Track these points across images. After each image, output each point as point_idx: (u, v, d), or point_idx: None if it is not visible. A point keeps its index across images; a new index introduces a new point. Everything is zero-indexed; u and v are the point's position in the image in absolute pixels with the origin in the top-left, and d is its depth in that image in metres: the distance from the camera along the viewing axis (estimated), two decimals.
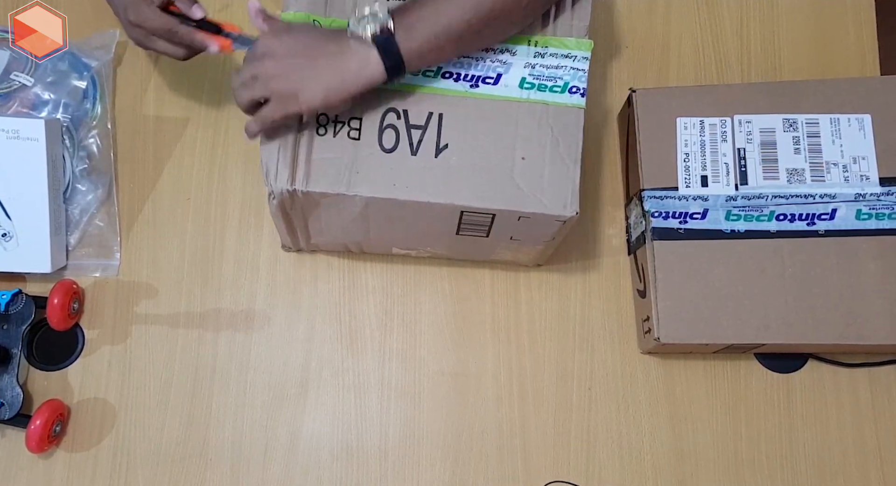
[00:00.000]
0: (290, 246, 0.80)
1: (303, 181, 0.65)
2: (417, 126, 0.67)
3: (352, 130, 0.67)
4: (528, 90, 0.68)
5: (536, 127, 0.67)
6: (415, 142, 0.67)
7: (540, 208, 0.65)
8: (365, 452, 0.77)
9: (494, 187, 0.66)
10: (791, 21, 0.89)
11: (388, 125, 0.67)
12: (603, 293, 0.81)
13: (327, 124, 0.67)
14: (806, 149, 0.75)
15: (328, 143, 0.66)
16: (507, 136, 0.67)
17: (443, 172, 0.66)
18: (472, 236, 0.72)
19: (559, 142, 0.67)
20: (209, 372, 0.79)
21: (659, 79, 0.87)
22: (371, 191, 0.65)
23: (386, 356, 0.80)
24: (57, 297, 0.75)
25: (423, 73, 0.68)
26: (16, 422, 0.75)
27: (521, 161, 0.66)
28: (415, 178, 0.66)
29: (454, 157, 0.66)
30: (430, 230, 0.72)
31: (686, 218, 0.74)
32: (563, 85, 0.68)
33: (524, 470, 0.77)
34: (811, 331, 0.71)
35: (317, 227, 0.73)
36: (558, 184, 0.66)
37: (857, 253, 0.73)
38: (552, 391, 0.79)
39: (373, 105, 0.67)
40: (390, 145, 0.67)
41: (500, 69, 0.68)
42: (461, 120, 0.67)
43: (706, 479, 0.77)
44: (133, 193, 0.84)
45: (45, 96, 0.82)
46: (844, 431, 0.78)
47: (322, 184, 0.65)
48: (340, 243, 0.78)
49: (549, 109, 0.68)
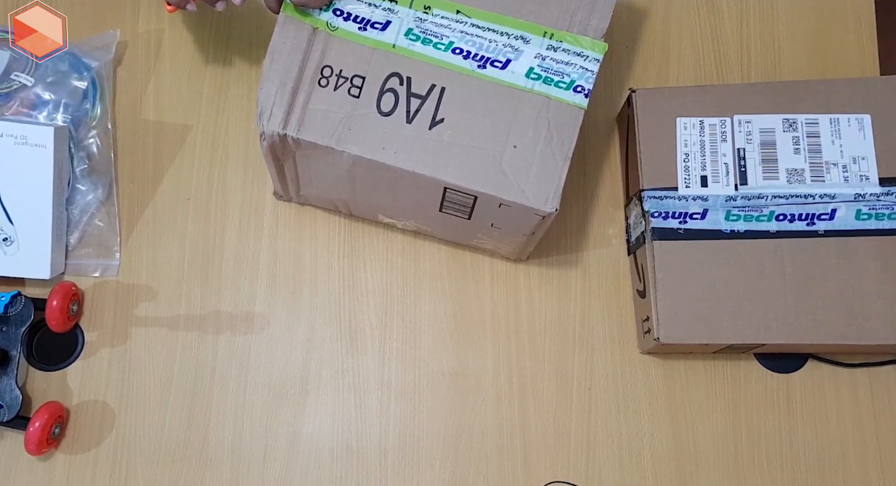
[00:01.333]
0: (280, 194, 0.80)
1: (295, 127, 0.66)
2: (418, 95, 0.67)
3: (353, 87, 0.67)
4: (534, 81, 0.68)
5: (534, 118, 0.67)
6: (412, 110, 0.67)
7: (521, 199, 0.66)
8: (365, 452, 0.77)
9: (481, 170, 0.66)
10: (791, 21, 0.89)
11: (389, 89, 0.67)
12: (603, 293, 0.81)
13: (330, 77, 0.67)
14: (806, 149, 0.75)
15: (328, 95, 0.67)
16: (503, 121, 0.67)
17: (434, 145, 0.66)
18: (455, 216, 0.72)
19: (553, 137, 0.67)
20: (209, 372, 0.79)
21: (659, 79, 0.87)
22: (360, 150, 0.66)
23: (386, 356, 0.80)
24: (56, 299, 0.75)
25: (434, 44, 0.68)
26: (15, 424, 0.75)
27: (513, 149, 0.67)
28: (405, 145, 0.66)
29: (448, 132, 0.67)
30: (414, 202, 0.72)
31: (686, 218, 0.74)
32: (569, 82, 0.68)
33: (524, 470, 0.77)
34: (811, 331, 0.71)
35: (306, 177, 0.74)
36: (544, 178, 0.66)
37: (857, 253, 0.73)
38: (552, 391, 0.79)
39: (378, 66, 0.68)
40: (387, 109, 0.67)
41: (510, 54, 0.68)
42: (462, 97, 0.67)
43: (706, 479, 0.77)
44: (133, 193, 0.84)
45: (46, 96, 0.82)
46: (844, 431, 0.78)
47: (313, 134, 0.66)
48: (328, 199, 0.79)
49: (550, 103, 0.68)
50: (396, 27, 0.69)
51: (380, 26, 0.68)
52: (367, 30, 0.68)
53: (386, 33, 0.68)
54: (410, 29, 0.69)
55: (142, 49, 0.87)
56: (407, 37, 0.69)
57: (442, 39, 0.69)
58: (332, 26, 0.68)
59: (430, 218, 0.75)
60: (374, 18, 0.68)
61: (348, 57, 0.68)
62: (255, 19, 0.88)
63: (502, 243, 0.77)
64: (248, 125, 0.85)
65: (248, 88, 0.86)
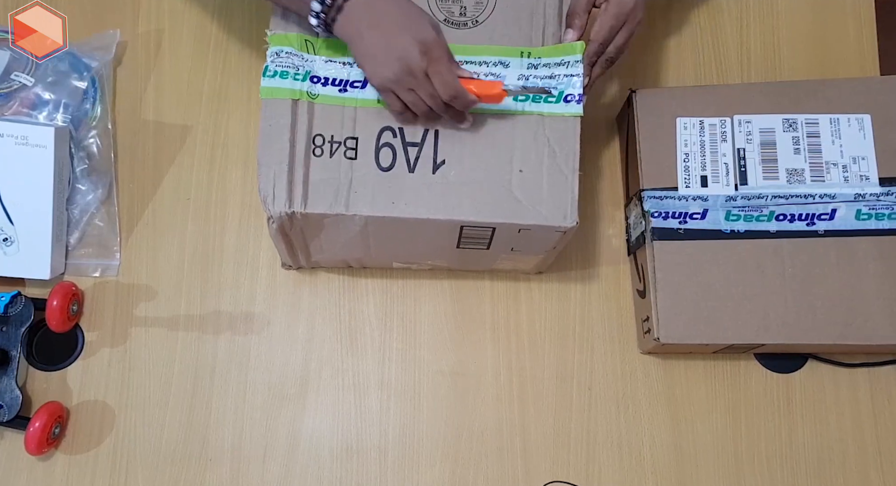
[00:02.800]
0: (290, 264, 0.80)
1: (301, 203, 0.65)
2: (413, 143, 0.67)
3: (348, 149, 0.67)
4: (523, 102, 0.68)
5: (533, 139, 0.67)
6: (412, 159, 0.67)
7: (539, 220, 0.66)
8: (365, 452, 0.77)
9: (493, 201, 0.66)
10: (791, 21, 0.89)
11: (384, 144, 0.67)
12: (603, 293, 0.81)
13: (323, 144, 0.67)
14: (806, 149, 0.75)
15: (325, 163, 0.66)
16: (504, 149, 0.67)
17: (441, 188, 0.66)
18: (473, 249, 0.72)
19: (556, 153, 0.67)
20: (209, 372, 0.79)
21: (659, 79, 0.87)
22: (370, 210, 0.65)
23: (386, 356, 0.80)
24: (56, 299, 0.75)
25: None
26: (15, 424, 0.75)
27: (519, 174, 0.66)
28: (413, 195, 0.66)
29: (452, 172, 0.66)
30: (431, 245, 0.72)
31: (686, 218, 0.74)
32: (558, 95, 0.68)
33: (524, 470, 0.77)
34: (811, 331, 0.71)
35: (317, 246, 0.73)
36: (557, 195, 0.66)
37: (856, 253, 0.73)
38: (552, 391, 0.79)
39: (368, 124, 0.67)
40: (387, 164, 0.67)
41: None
42: (457, 135, 0.67)
43: (706, 479, 0.77)
44: (133, 193, 0.84)
45: (46, 96, 0.82)
46: (844, 431, 0.78)
47: (320, 205, 0.65)
48: (341, 259, 0.78)
49: (544, 120, 0.68)
50: None
51: (359, 84, 0.68)
52: (347, 90, 0.68)
53: (367, 91, 0.68)
54: None
55: (142, 49, 0.87)
56: None
57: None
58: (313, 94, 0.67)
59: (446, 256, 0.75)
60: (352, 78, 0.68)
61: (336, 121, 0.67)
62: (255, 19, 0.88)
63: (521, 263, 0.77)
64: (248, 125, 0.85)
65: (248, 88, 0.86)
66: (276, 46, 0.67)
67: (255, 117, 0.71)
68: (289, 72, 0.67)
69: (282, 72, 0.66)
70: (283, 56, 0.67)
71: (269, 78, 0.66)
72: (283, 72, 0.67)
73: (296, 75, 0.67)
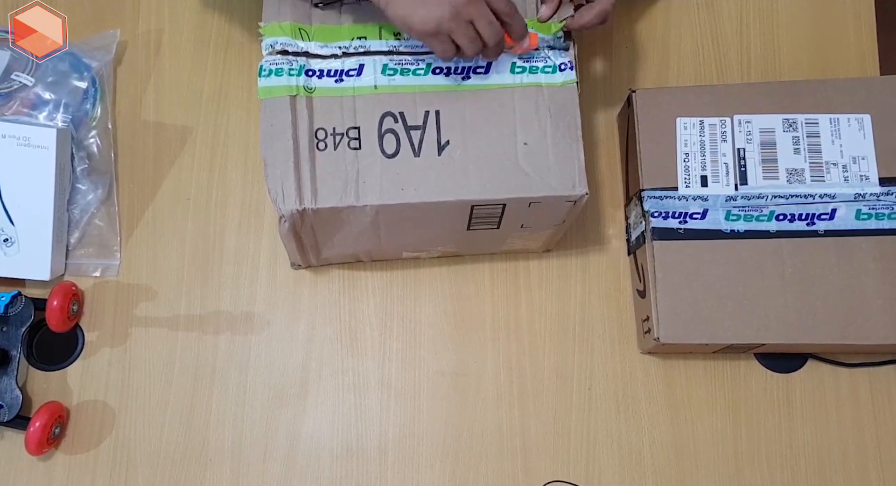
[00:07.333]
0: (299, 264, 0.79)
1: (311, 199, 0.65)
2: (416, 127, 0.67)
3: (351, 140, 0.67)
4: (520, 74, 0.68)
5: (534, 110, 0.67)
6: (416, 143, 0.67)
7: (549, 191, 0.66)
8: (365, 452, 0.77)
9: (502, 177, 0.66)
10: (791, 21, 0.89)
11: (387, 130, 0.67)
12: (603, 293, 0.81)
13: (325, 138, 0.67)
14: (805, 149, 0.75)
15: (330, 156, 0.66)
16: (506, 123, 0.67)
17: (448, 169, 0.66)
18: (484, 229, 0.72)
19: (559, 122, 0.67)
20: (209, 373, 0.79)
21: (659, 79, 0.87)
22: (380, 199, 0.65)
23: (386, 356, 0.80)
24: (56, 299, 0.75)
25: (413, 71, 0.68)
26: (15, 424, 0.75)
27: (524, 146, 0.66)
28: (421, 179, 0.66)
29: (457, 152, 0.66)
30: (442, 229, 0.72)
31: (686, 218, 0.74)
32: (553, 65, 0.68)
33: (524, 470, 0.77)
34: (811, 331, 0.71)
35: (328, 241, 0.73)
36: (564, 164, 0.66)
37: (856, 253, 0.73)
38: (552, 391, 0.79)
39: (368, 112, 0.67)
40: (392, 150, 0.67)
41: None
42: (458, 114, 0.67)
43: (706, 479, 0.77)
44: (133, 193, 0.84)
45: (46, 96, 0.82)
46: (844, 431, 0.78)
47: (331, 199, 0.65)
48: (351, 253, 0.78)
49: (543, 91, 0.68)
50: (371, 69, 0.68)
51: (355, 73, 0.68)
52: (343, 80, 0.68)
53: (363, 78, 0.68)
54: (385, 65, 0.68)
55: (142, 49, 0.87)
56: (385, 74, 0.68)
57: (419, 64, 0.68)
58: (309, 88, 0.67)
59: (457, 240, 0.75)
60: (346, 67, 0.68)
61: (335, 113, 0.67)
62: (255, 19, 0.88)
63: (531, 241, 0.77)
64: (249, 125, 0.85)
65: (248, 88, 0.86)
66: (270, 37, 0.67)
67: (255, 117, 0.71)
68: (283, 68, 0.67)
69: (276, 69, 0.67)
70: (276, 50, 0.67)
71: (264, 77, 0.67)
72: (278, 69, 0.67)
73: (290, 71, 0.67)
